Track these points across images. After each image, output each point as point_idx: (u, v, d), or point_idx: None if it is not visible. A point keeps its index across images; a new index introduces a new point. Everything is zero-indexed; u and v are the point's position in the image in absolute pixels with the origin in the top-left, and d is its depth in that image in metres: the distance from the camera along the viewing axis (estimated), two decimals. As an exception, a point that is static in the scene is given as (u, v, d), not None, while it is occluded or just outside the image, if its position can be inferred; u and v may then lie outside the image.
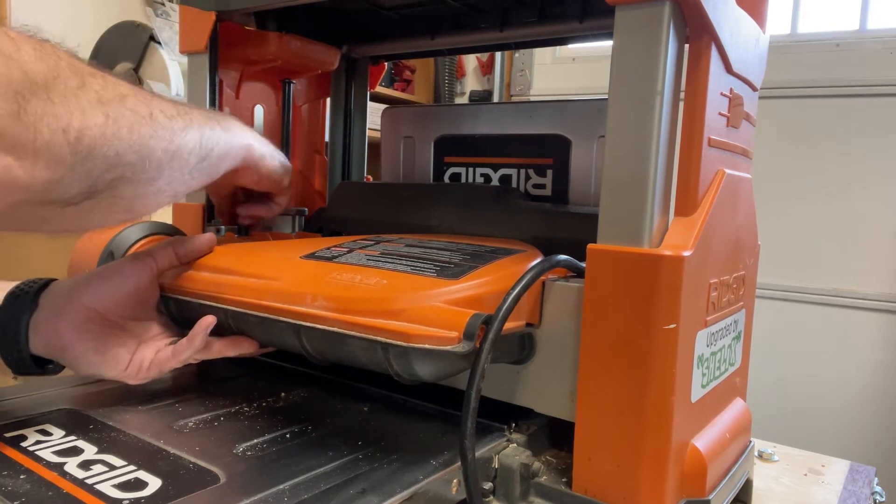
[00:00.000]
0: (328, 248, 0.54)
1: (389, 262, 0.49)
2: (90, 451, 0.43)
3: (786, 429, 1.87)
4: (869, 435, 1.82)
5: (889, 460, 1.77)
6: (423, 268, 0.47)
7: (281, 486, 0.39)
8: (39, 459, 0.41)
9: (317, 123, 0.85)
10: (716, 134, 0.46)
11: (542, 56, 2.38)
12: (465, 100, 2.52)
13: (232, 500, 0.37)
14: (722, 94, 0.46)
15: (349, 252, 0.53)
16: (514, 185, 0.70)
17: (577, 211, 0.63)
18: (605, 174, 0.43)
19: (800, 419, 1.89)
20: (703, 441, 0.45)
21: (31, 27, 0.38)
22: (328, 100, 0.86)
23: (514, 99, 2.40)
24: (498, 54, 2.42)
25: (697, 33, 0.43)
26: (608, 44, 0.43)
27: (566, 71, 2.34)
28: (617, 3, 0.41)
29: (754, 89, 0.53)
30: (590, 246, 0.43)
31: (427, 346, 0.39)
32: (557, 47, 2.34)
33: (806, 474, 0.65)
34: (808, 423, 1.88)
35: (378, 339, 0.40)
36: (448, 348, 0.39)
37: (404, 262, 0.49)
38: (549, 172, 0.68)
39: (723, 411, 0.51)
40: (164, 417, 0.50)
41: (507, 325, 0.41)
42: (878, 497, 0.63)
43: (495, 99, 2.45)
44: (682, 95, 0.44)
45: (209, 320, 0.49)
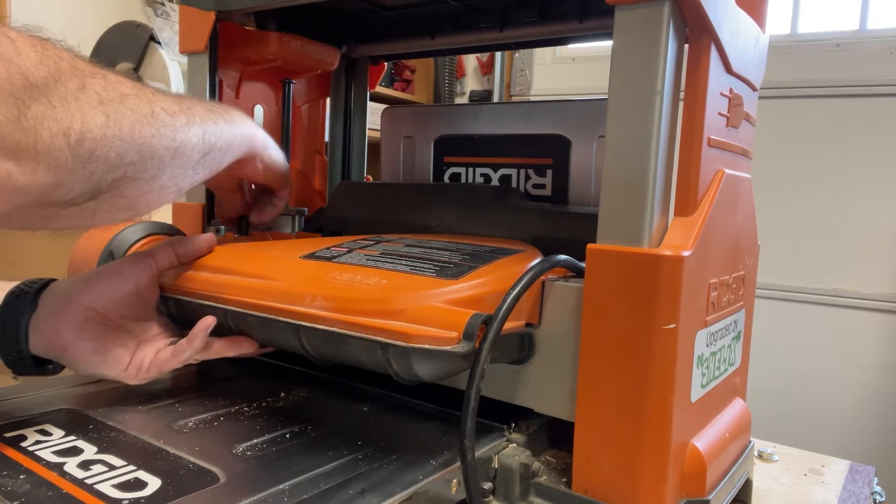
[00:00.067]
0: (328, 248, 0.54)
1: (389, 262, 0.49)
2: (90, 451, 0.43)
3: (786, 429, 1.87)
4: (869, 435, 1.82)
5: (889, 460, 1.77)
6: (423, 268, 0.47)
7: (281, 486, 0.39)
8: (39, 459, 0.41)
9: (317, 123, 0.85)
10: (716, 134, 0.46)
11: (542, 56, 2.38)
12: (465, 100, 2.52)
13: (232, 500, 0.37)
14: (722, 94, 0.46)
15: (349, 252, 0.53)
16: (514, 185, 0.70)
17: (576, 211, 0.63)
18: (605, 174, 0.43)
19: (800, 419, 1.89)
20: (703, 441, 0.45)
21: (33, 26, 0.37)
22: (328, 100, 0.86)
23: (514, 99, 2.40)
24: (498, 54, 2.42)
25: (697, 33, 0.43)
26: (608, 44, 0.43)
27: (566, 71, 2.34)
28: (617, 3, 0.41)
29: (754, 89, 0.53)
30: (590, 246, 0.43)
31: (427, 347, 0.39)
32: (557, 47, 2.34)
33: (806, 474, 0.65)
34: (808, 423, 1.88)
35: (378, 339, 0.40)
36: (448, 348, 0.39)
37: (404, 262, 0.49)
38: (549, 172, 0.68)
39: (723, 411, 0.51)
40: (164, 417, 0.50)
41: (506, 325, 0.41)
42: (877, 497, 0.63)
43: (495, 99, 2.45)
44: (682, 95, 0.44)
45: (209, 321, 0.49)
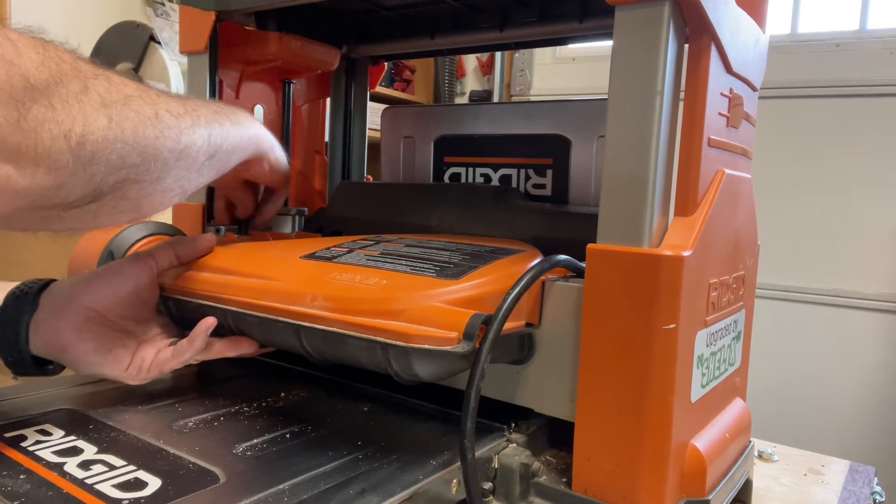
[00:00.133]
0: (328, 248, 0.54)
1: (389, 263, 0.49)
2: (90, 451, 0.43)
3: (786, 429, 1.87)
4: (869, 435, 1.82)
5: (889, 460, 1.77)
6: (423, 268, 0.47)
7: (281, 486, 0.39)
8: (39, 459, 0.41)
9: (317, 123, 0.85)
10: (716, 134, 0.46)
11: (542, 56, 2.38)
12: (465, 100, 2.52)
13: (232, 500, 0.37)
14: (722, 94, 0.46)
15: (349, 252, 0.53)
16: (514, 185, 0.70)
17: (577, 211, 0.63)
18: (605, 174, 0.43)
19: (800, 419, 1.89)
20: (703, 441, 0.45)
21: (35, 28, 0.37)
22: (328, 100, 0.86)
23: (514, 99, 2.40)
24: (498, 54, 2.42)
25: (697, 33, 0.43)
26: (608, 44, 0.43)
27: (566, 71, 2.34)
28: (617, 3, 0.41)
29: (754, 89, 0.53)
30: (590, 246, 0.43)
31: (427, 347, 0.39)
32: (557, 47, 2.34)
33: (806, 474, 0.65)
34: (808, 423, 1.88)
35: (378, 339, 0.40)
36: (448, 348, 0.39)
37: (404, 263, 0.49)
38: (549, 172, 0.68)
39: (723, 411, 0.51)
40: (164, 417, 0.50)
41: (506, 326, 0.41)
42: (877, 497, 0.63)
43: (495, 99, 2.45)
44: (682, 95, 0.44)
45: (210, 322, 0.49)
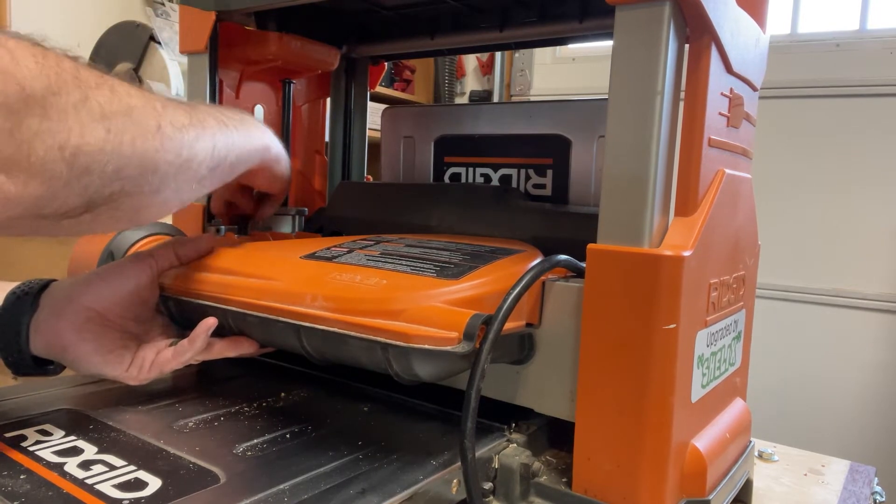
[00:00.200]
0: (328, 248, 0.54)
1: (389, 263, 0.49)
2: (90, 451, 0.43)
3: (786, 429, 1.87)
4: (869, 435, 1.82)
5: (889, 460, 1.77)
6: (423, 268, 0.47)
7: (281, 486, 0.39)
8: (39, 459, 0.41)
9: (317, 123, 0.85)
10: (716, 134, 0.46)
11: (542, 56, 2.38)
12: (465, 100, 2.52)
13: (232, 500, 0.37)
14: (722, 94, 0.46)
15: (349, 252, 0.53)
16: (514, 185, 0.70)
17: (577, 211, 0.63)
18: (605, 174, 0.43)
19: (800, 419, 1.89)
20: (703, 441, 0.45)
21: (37, 35, 0.36)
22: (328, 100, 0.86)
23: (514, 99, 2.40)
24: (498, 54, 2.42)
25: (697, 33, 0.43)
26: (608, 44, 0.43)
27: (566, 71, 2.34)
28: (617, 3, 0.41)
29: (754, 89, 0.53)
30: (590, 246, 0.43)
31: (427, 347, 0.39)
32: (557, 47, 2.34)
33: (806, 474, 0.65)
34: (808, 423, 1.88)
35: (378, 339, 0.40)
36: (448, 349, 0.39)
37: (404, 263, 0.49)
38: (549, 172, 0.68)
39: (723, 411, 0.51)
40: (164, 417, 0.50)
41: (507, 326, 0.41)
42: (878, 497, 0.63)
43: (495, 99, 2.45)
44: (682, 95, 0.44)
45: (211, 322, 0.49)
